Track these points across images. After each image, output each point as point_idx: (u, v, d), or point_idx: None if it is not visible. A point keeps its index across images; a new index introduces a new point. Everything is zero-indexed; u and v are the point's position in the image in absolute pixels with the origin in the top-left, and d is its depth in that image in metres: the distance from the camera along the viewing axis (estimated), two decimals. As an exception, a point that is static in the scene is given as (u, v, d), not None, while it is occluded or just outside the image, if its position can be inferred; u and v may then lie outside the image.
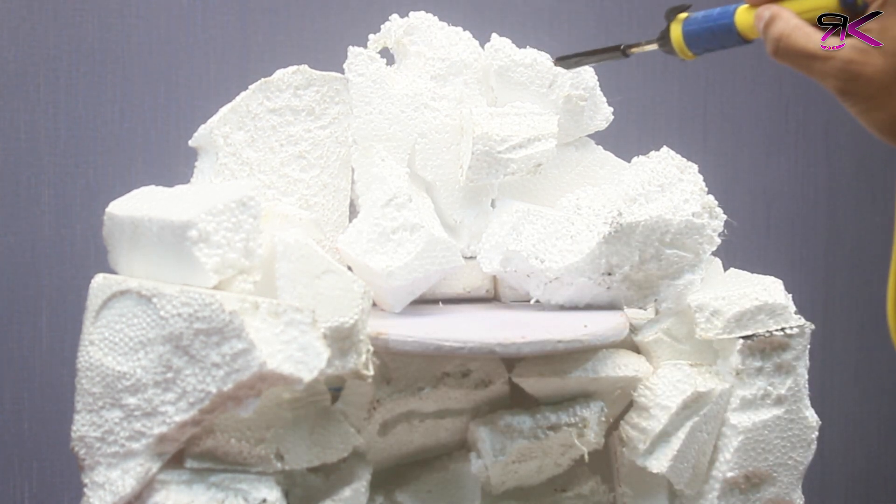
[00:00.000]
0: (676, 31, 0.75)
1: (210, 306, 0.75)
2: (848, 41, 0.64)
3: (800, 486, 1.00)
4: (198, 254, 0.76)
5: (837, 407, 1.85)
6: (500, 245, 1.00)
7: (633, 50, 0.81)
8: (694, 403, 0.95)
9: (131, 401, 0.77)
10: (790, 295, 0.98)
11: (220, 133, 0.97)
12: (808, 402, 0.99)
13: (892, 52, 0.62)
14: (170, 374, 0.76)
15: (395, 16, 1.04)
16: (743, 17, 0.71)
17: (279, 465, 0.82)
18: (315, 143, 1.00)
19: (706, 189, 1.01)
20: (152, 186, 0.89)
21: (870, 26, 0.64)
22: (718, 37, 0.73)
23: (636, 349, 1.00)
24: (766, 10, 0.68)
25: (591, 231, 0.98)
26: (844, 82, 0.64)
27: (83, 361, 0.78)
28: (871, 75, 0.63)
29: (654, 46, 0.77)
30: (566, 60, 0.90)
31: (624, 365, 0.96)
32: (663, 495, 1.00)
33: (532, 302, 1.02)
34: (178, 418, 0.76)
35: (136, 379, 0.77)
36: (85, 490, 0.78)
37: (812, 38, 0.66)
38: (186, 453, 0.80)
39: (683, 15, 0.76)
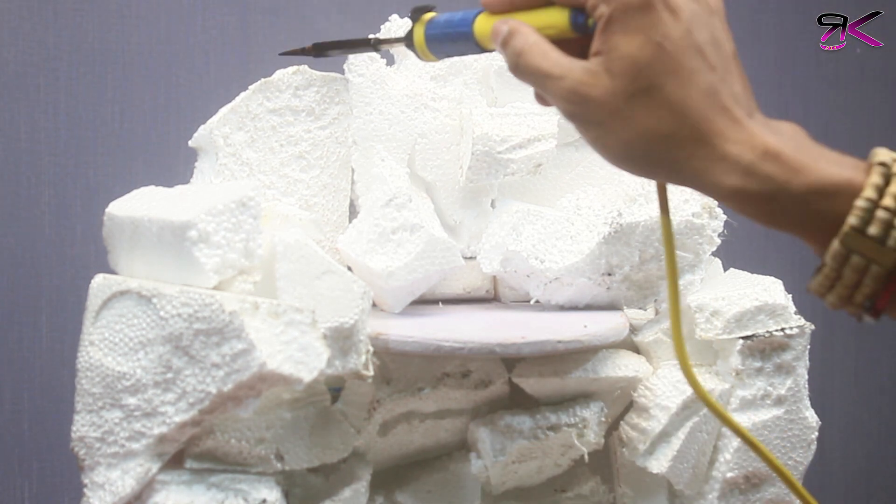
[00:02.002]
0: (419, 33, 0.70)
1: (210, 307, 0.75)
2: (582, 63, 0.59)
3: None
4: (198, 254, 0.76)
5: (837, 407, 1.85)
6: (500, 245, 1.00)
7: (383, 45, 0.76)
8: (694, 404, 0.95)
9: (131, 401, 0.77)
10: (790, 295, 0.98)
11: (220, 133, 0.97)
12: (808, 403, 0.99)
13: (619, 73, 0.57)
14: (170, 375, 0.76)
15: (395, 16, 1.04)
16: (482, 25, 0.66)
17: (279, 465, 0.82)
18: (315, 144, 1.00)
19: (706, 189, 1.00)
20: (152, 186, 0.89)
21: (597, 47, 0.59)
22: (458, 44, 0.68)
23: (636, 349, 1.00)
24: (505, 25, 0.63)
25: (591, 231, 0.98)
26: (574, 105, 0.59)
27: (83, 362, 0.78)
28: (600, 98, 0.58)
29: (401, 44, 0.72)
30: (320, 48, 0.86)
31: (624, 365, 0.96)
32: (663, 496, 1.00)
33: (532, 302, 1.02)
34: (177, 419, 0.76)
35: (136, 379, 0.77)
36: (85, 490, 0.78)
37: (548, 57, 0.61)
38: (186, 454, 0.80)
39: (429, 15, 0.70)
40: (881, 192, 0.55)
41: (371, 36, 0.78)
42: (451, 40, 0.68)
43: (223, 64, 1.47)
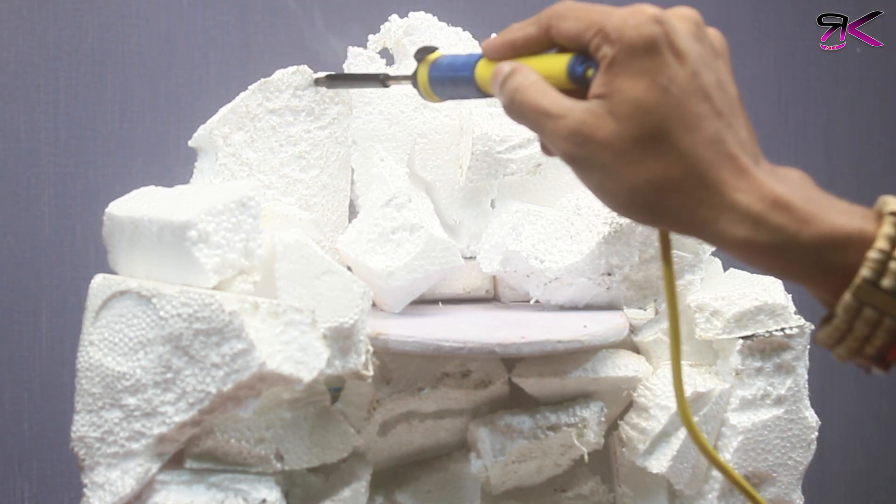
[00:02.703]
0: (423, 74, 0.70)
1: (210, 307, 0.75)
2: (583, 104, 0.57)
3: (800, 487, 1.00)
4: (197, 254, 0.76)
5: (837, 407, 1.85)
6: (500, 245, 1.00)
7: (392, 82, 0.76)
8: (694, 403, 0.95)
9: (131, 401, 0.77)
10: (790, 295, 0.98)
11: (220, 133, 0.97)
12: (808, 403, 0.99)
13: (625, 116, 0.55)
14: (169, 375, 0.76)
15: (394, 16, 1.04)
16: (483, 70, 0.65)
17: (279, 465, 0.82)
18: (315, 144, 1.00)
19: (706, 189, 1.00)
20: (152, 186, 0.89)
21: (599, 90, 0.57)
22: (460, 87, 0.67)
23: (636, 349, 1.00)
24: (507, 65, 0.61)
25: (591, 231, 0.98)
26: (576, 146, 0.57)
27: (83, 362, 0.78)
28: (604, 140, 0.56)
29: (409, 82, 0.72)
30: (329, 80, 0.87)
31: (624, 365, 0.96)
32: (663, 495, 1.00)
33: (532, 302, 1.02)
34: (177, 419, 0.76)
35: (136, 379, 0.77)
36: (85, 490, 0.78)
37: (548, 95, 0.58)
38: (186, 454, 0.80)
39: (434, 56, 0.70)
40: (894, 242, 0.54)
41: (381, 72, 0.78)
42: (452, 83, 0.67)
43: (223, 64, 1.47)
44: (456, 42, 1.04)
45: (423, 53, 0.70)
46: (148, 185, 0.89)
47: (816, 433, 1.00)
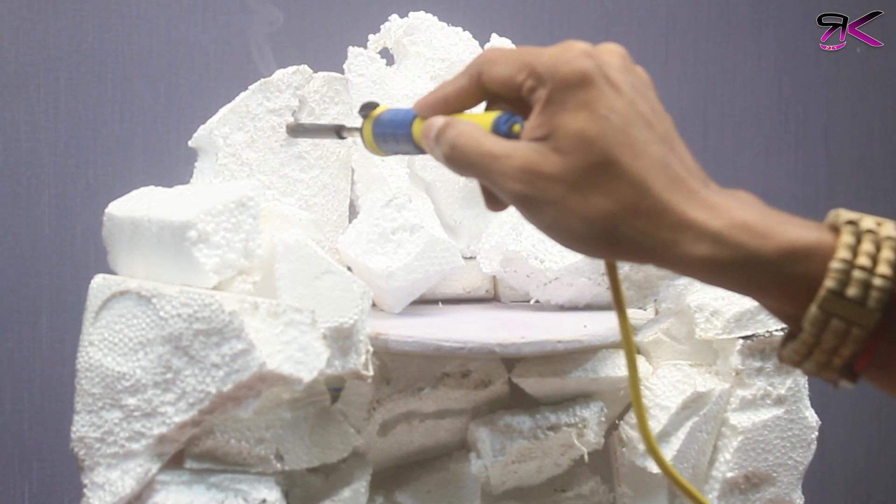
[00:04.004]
0: (367, 130, 0.68)
1: (210, 307, 0.75)
2: (526, 143, 0.56)
3: (800, 486, 1.00)
4: (197, 254, 0.76)
5: (837, 407, 1.85)
6: (500, 245, 1.00)
7: (346, 133, 0.76)
8: (694, 403, 0.95)
9: (131, 401, 0.77)
10: (790, 295, 0.98)
11: (220, 133, 0.97)
12: (807, 403, 0.99)
13: (570, 150, 0.54)
14: (169, 375, 0.76)
15: (394, 16, 1.04)
16: (418, 128, 0.64)
17: (279, 465, 0.82)
18: (315, 144, 1.00)
19: (706, 189, 1.00)
20: (152, 187, 0.89)
21: (537, 132, 0.55)
22: (401, 143, 0.66)
23: (636, 349, 1.00)
24: (439, 119, 0.60)
25: (591, 231, 0.98)
26: (525, 184, 0.55)
27: (83, 362, 0.78)
28: (552, 174, 0.54)
29: (358, 135, 0.71)
30: (294, 129, 0.89)
31: (624, 365, 0.96)
32: (663, 495, 1.00)
33: (532, 302, 1.02)
34: (177, 419, 0.76)
35: (136, 379, 0.77)
36: (85, 490, 0.78)
37: (489, 139, 0.57)
38: (186, 454, 0.80)
39: (378, 111, 0.68)
40: (854, 251, 0.53)
41: (336, 123, 0.78)
42: (394, 139, 0.66)
43: (223, 64, 1.47)
44: (456, 42, 1.04)
45: (367, 110, 0.69)
46: (148, 185, 0.89)
47: (816, 433, 1.00)
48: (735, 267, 0.54)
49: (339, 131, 0.76)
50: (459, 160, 0.59)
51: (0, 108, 1.39)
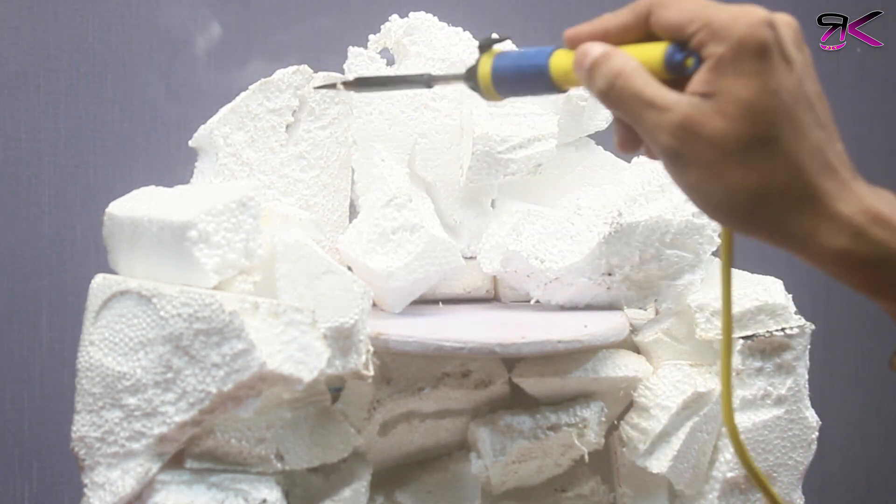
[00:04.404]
0: (485, 66, 0.63)
1: (210, 306, 0.75)
2: (688, 98, 0.54)
3: (800, 487, 1.00)
4: (198, 254, 0.76)
5: (837, 407, 1.85)
6: (500, 245, 1.00)
7: (438, 83, 0.69)
8: (694, 403, 0.95)
9: (131, 401, 0.77)
10: (790, 295, 0.98)
11: (220, 133, 0.97)
12: (808, 403, 0.99)
13: (734, 116, 0.53)
14: (170, 375, 0.76)
15: (395, 16, 1.04)
16: (559, 61, 0.60)
17: (279, 465, 0.82)
18: (315, 144, 1.00)
19: (706, 189, 1.00)
20: (152, 186, 0.89)
21: (704, 87, 0.54)
22: (528, 79, 0.62)
23: (636, 349, 1.00)
24: (597, 47, 0.58)
25: (592, 231, 0.98)
26: (680, 141, 0.54)
27: (83, 362, 0.78)
28: (710, 137, 0.53)
29: (459, 81, 0.66)
30: (364, 83, 0.79)
31: (624, 365, 0.96)
32: (663, 495, 1.00)
33: (532, 302, 1.02)
34: (178, 418, 0.76)
35: (136, 379, 0.77)
36: (85, 490, 0.78)
37: (651, 85, 0.55)
38: (186, 454, 0.80)
39: (498, 49, 0.64)
40: None
41: (425, 72, 0.72)
42: (521, 76, 0.62)
43: (223, 64, 1.47)
44: (456, 42, 1.04)
45: (488, 44, 0.64)
46: (148, 185, 0.89)
47: (817, 433, 1.00)
48: (871, 265, 0.53)
49: (428, 81, 0.69)
50: (615, 99, 0.57)
51: (0, 108, 1.39)
